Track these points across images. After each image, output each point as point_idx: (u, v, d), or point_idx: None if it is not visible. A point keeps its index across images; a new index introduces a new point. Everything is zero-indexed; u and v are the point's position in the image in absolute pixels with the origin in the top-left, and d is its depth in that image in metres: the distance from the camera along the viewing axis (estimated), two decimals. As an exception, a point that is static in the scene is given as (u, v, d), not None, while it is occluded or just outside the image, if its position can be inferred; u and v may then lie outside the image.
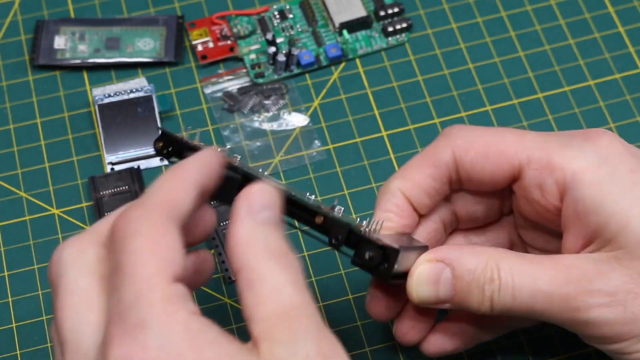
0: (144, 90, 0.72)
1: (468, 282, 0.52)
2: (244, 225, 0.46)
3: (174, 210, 0.45)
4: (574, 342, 0.63)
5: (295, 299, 0.45)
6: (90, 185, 0.69)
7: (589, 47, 0.75)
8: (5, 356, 0.64)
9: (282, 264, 0.45)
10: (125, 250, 0.44)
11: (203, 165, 0.48)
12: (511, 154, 0.55)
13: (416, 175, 0.55)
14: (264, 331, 0.44)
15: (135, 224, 0.45)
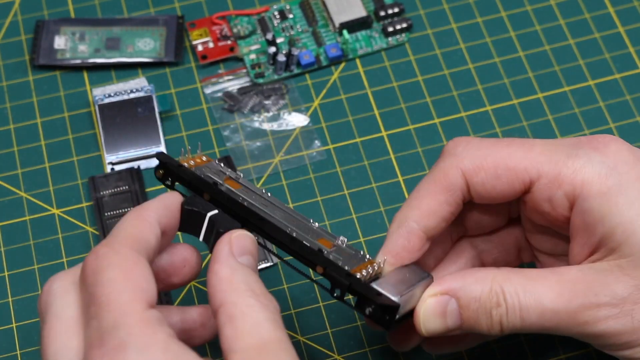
0: (144, 90, 0.72)
1: (475, 310, 0.53)
2: (225, 265, 0.50)
3: (139, 244, 0.49)
4: (574, 342, 0.63)
5: (273, 335, 0.47)
6: (90, 185, 0.69)
7: (589, 47, 0.75)
8: (5, 356, 0.64)
9: (261, 302, 0.48)
10: (99, 282, 0.47)
11: (161, 205, 0.52)
12: (521, 170, 0.55)
13: (431, 204, 0.55)
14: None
15: (105, 259, 0.48)
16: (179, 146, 0.71)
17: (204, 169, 0.56)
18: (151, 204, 0.52)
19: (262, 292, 0.49)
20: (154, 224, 0.51)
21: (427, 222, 0.55)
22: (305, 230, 0.54)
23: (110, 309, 0.46)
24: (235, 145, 0.71)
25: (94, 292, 0.47)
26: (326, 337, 0.64)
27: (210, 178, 0.55)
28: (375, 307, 0.51)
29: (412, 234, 0.55)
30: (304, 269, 0.54)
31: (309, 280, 0.54)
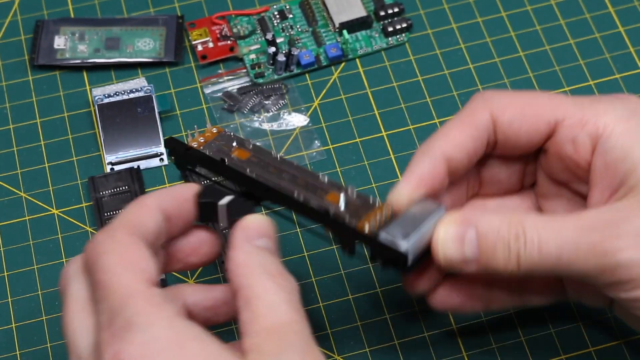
0: (143, 90, 0.72)
1: (493, 240, 0.52)
2: (241, 250, 0.50)
3: (135, 228, 0.50)
4: (574, 341, 0.63)
5: (288, 317, 0.48)
6: (90, 185, 0.69)
7: (589, 47, 0.75)
8: (5, 356, 0.64)
9: (278, 284, 0.49)
10: (99, 268, 0.49)
11: (166, 193, 0.53)
12: (547, 111, 0.56)
13: (458, 137, 0.56)
14: (254, 344, 0.47)
15: (103, 245, 0.50)
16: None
17: (214, 144, 0.57)
18: (155, 192, 0.53)
19: (279, 273, 0.49)
20: (153, 209, 0.52)
21: (452, 153, 0.55)
22: (313, 188, 0.55)
23: (114, 291, 0.47)
24: (235, 145, 0.71)
25: (97, 278, 0.49)
26: (326, 337, 0.64)
27: (219, 153, 0.56)
28: (384, 260, 0.52)
29: (437, 161, 0.55)
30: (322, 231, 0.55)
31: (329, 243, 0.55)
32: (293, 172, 0.56)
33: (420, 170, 0.55)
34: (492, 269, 0.53)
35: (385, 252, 0.52)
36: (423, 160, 0.55)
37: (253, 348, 0.47)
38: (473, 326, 0.64)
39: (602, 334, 0.63)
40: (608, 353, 0.63)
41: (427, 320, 0.64)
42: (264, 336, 0.47)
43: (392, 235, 0.52)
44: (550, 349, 0.63)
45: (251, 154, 0.57)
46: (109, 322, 0.47)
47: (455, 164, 0.56)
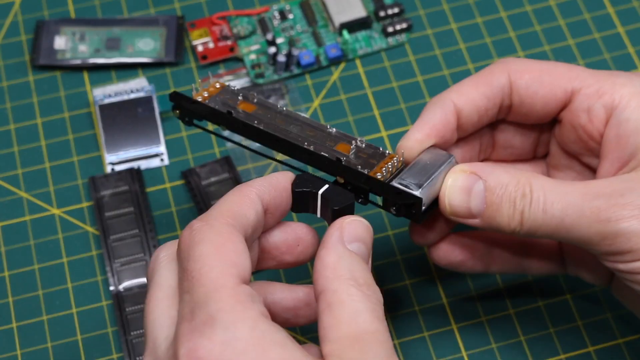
0: (144, 90, 0.72)
1: (500, 195, 0.53)
2: (333, 251, 0.49)
3: (235, 219, 0.48)
4: (573, 341, 0.63)
5: (371, 326, 0.46)
6: (90, 185, 0.69)
7: (589, 47, 0.75)
8: (5, 356, 0.64)
9: (363, 293, 0.47)
10: (191, 257, 0.47)
11: (267, 183, 0.51)
12: (564, 80, 0.56)
13: (471, 92, 0.56)
14: (335, 350, 0.46)
15: (199, 233, 0.48)
16: (179, 146, 0.71)
17: (219, 97, 0.57)
18: (256, 181, 0.51)
19: (366, 282, 0.48)
20: (254, 199, 0.50)
21: (464, 105, 0.56)
22: (322, 139, 0.55)
23: (201, 283, 0.46)
24: (235, 146, 0.71)
25: (187, 267, 0.47)
26: (326, 337, 0.64)
27: (224, 107, 0.56)
28: (398, 206, 0.52)
29: (448, 111, 0.55)
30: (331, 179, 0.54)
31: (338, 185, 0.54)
32: (300, 123, 0.55)
33: (431, 119, 0.55)
34: (496, 224, 0.53)
35: (401, 199, 0.52)
36: (434, 110, 0.55)
37: (334, 354, 0.46)
38: (473, 326, 0.64)
39: (602, 334, 0.63)
40: (608, 353, 0.63)
41: (427, 320, 0.64)
42: (346, 344, 0.46)
43: (405, 182, 0.52)
44: (550, 349, 0.63)
45: (257, 107, 0.56)
46: (191, 314, 0.46)
47: (464, 120, 0.56)
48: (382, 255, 0.67)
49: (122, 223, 0.67)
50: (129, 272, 0.65)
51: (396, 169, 0.54)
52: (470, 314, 0.64)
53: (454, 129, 0.56)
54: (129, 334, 0.63)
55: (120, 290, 0.65)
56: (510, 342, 0.63)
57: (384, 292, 0.65)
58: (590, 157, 0.57)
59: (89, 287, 0.66)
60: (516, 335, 0.63)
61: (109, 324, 0.65)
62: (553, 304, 0.64)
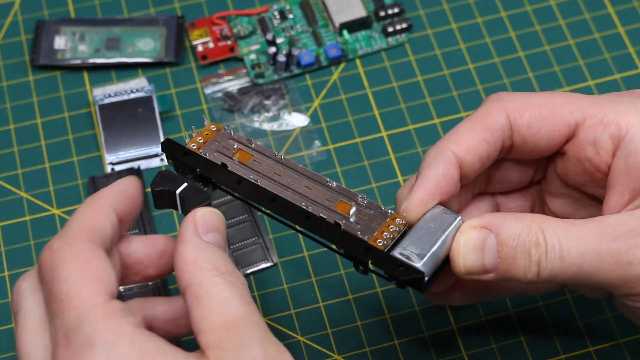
0: (144, 90, 0.72)
1: (513, 247, 0.51)
2: (190, 245, 0.49)
3: (94, 234, 0.48)
4: (574, 341, 0.63)
5: (241, 311, 0.47)
6: (90, 185, 0.69)
7: (589, 47, 0.75)
8: (5, 356, 0.64)
9: (227, 280, 0.47)
10: (56, 279, 0.46)
11: (116, 191, 0.51)
12: (566, 113, 0.54)
13: (470, 140, 0.54)
14: (212, 340, 0.46)
15: (60, 253, 0.47)
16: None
17: (214, 144, 0.54)
18: (105, 190, 0.51)
19: (228, 270, 0.48)
20: (109, 211, 0.50)
21: (465, 156, 0.53)
22: (321, 196, 0.52)
23: (72, 306, 0.45)
24: (235, 146, 0.71)
25: (52, 290, 0.46)
26: (326, 337, 0.64)
27: (219, 156, 0.54)
28: (399, 280, 0.50)
29: (451, 164, 0.53)
30: None
31: (337, 253, 0.52)
32: (299, 177, 0.53)
33: (434, 176, 0.53)
34: (512, 277, 0.51)
35: (402, 274, 0.50)
36: (436, 166, 0.53)
37: (212, 344, 0.46)
38: (473, 326, 0.64)
39: (602, 334, 0.63)
40: (608, 353, 0.63)
41: (427, 320, 0.64)
42: (222, 332, 0.46)
43: (407, 253, 0.50)
44: (550, 349, 0.63)
45: (254, 156, 0.54)
46: (67, 339, 0.45)
47: (467, 169, 0.54)
48: (382, 255, 0.66)
49: (122, 223, 0.67)
50: (129, 272, 0.65)
51: (398, 233, 0.51)
52: (470, 314, 0.64)
53: (457, 182, 0.53)
54: (129, 334, 0.63)
55: (120, 291, 0.65)
56: (510, 342, 0.63)
57: (385, 292, 0.65)
58: (594, 187, 0.55)
59: (89, 287, 0.66)
60: (516, 335, 0.63)
61: (109, 324, 0.65)
62: (553, 304, 0.64)
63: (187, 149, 0.54)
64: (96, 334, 0.45)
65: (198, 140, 0.54)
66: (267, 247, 0.67)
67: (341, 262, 0.66)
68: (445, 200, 0.53)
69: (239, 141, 0.55)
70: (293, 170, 0.53)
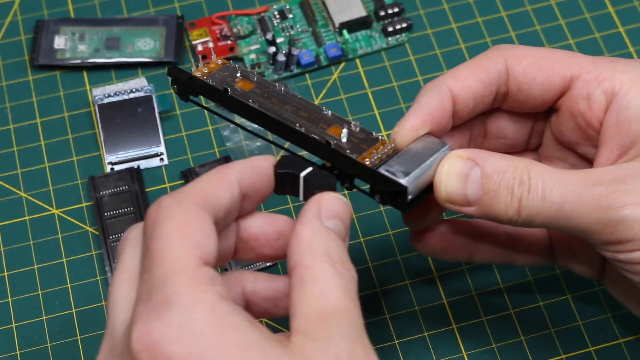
0: (144, 90, 0.72)
1: (497, 182, 0.51)
2: (308, 226, 0.47)
3: (207, 201, 0.47)
4: (574, 341, 0.63)
5: (340, 304, 0.45)
6: (90, 185, 0.69)
7: (589, 47, 0.75)
8: (5, 356, 0.64)
9: (336, 270, 0.46)
10: (155, 235, 0.45)
11: (247, 166, 0.49)
12: (563, 66, 0.54)
13: (467, 78, 0.54)
14: (302, 326, 0.44)
15: (166, 210, 0.46)
16: (179, 146, 0.71)
17: (218, 74, 0.56)
18: (236, 163, 0.49)
19: (340, 260, 0.47)
20: (232, 182, 0.48)
21: (460, 92, 0.54)
22: (316, 121, 0.53)
23: (162, 263, 0.44)
24: (235, 145, 0.71)
25: (149, 245, 0.45)
26: (326, 337, 0.63)
27: (222, 84, 0.55)
28: (382, 194, 0.51)
29: (444, 98, 0.54)
30: None
31: (326, 169, 0.52)
32: (296, 104, 0.54)
33: (427, 105, 0.54)
34: (493, 212, 0.52)
35: (385, 186, 0.50)
36: (431, 96, 0.54)
37: (300, 330, 0.44)
38: (473, 326, 0.64)
39: (602, 334, 0.63)
40: (608, 353, 0.63)
41: (427, 320, 0.64)
42: (314, 320, 0.44)
43: (393, 170, 0.51)
44: (550, 349, 0.63)
45: (255, 85, 0.55)
46: (149, 294, 0.44)
47: (460, 106, 0.54)
48: (382, 255, 0.67)
49: (121, 223, 0.67)
50: (128, 272, 0.65)
51: (386, 156, 0.52)
52: (470, 314, 0.64)
53: (449, 116, 0.54)
54: (128, 334, 0.63)
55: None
56: (510, 342, 0.63)
57: (385, 292, 0.65)
58: (587, 146, 0.56)
59: (88, 287, 0.66)
60: (516, 335, 0.63)
61: (109, 324, 0.65)
62: (553, 304, 0.64)
63: (192, 75, 0.55)
64: (176, 295, 0.43)
65: (203, 70, 0.56)
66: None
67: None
68: (436, 132, 0.54)
69: (241, 72, 0.56)
70: (292, 98, 0.54)
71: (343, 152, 0.52)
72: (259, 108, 0.54)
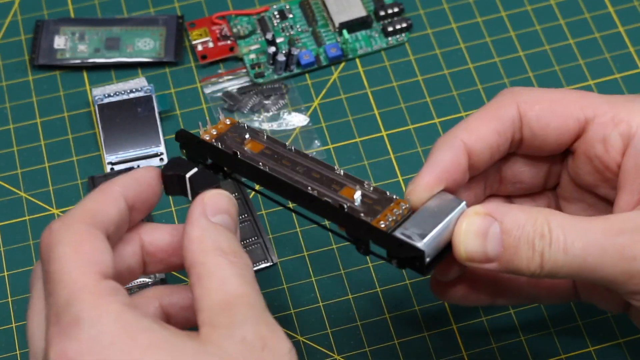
0: (143, 90, 0.72)
1: (517, 237, 0.50)
2: (196, 226, 0.49)
3: (95, 218, 0.49)
4: (574, 341, 0.63)
5: (239, 290, 0.47)
6: (90, 185, 0.69)
7: (589, 47, 0.75)
8: (5, 356, 0.64)
9: (229, 260, 0.48)
10: (51, 259, 0.47)
11: (130, 179, 0.51)
12: (577, 108, 0.53)
13: (480, 129, 0.53)
14: (206, 318, 0.46)
15: (58, 234, 0.48)
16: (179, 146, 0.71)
17: (227, 136, 0.55)
18: (119, 178, 0.51)
19: (232, 250, 0.48)
20: (116, 196, 0.50)
21: (474, 144, 0.53)
22: (327, 182, 0.52)
23: (63, 285, 0.46)
24: (235, 145, 0.71)
25: (48, 269, 0.47)
26: (326, 337, 0.64)
27: (231, 147, 0.54)
28: (399, 259, 0.50)
29: (459, 153, 0.53)
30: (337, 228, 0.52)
31: (339, 235, 0.52)
32: (308, 165, 0.53)
33: (442, 162, 0.52)
34: (514, 268, 0.50)
35: (402, 251, 0.49)
36: (444, 152, 0.53)
37: (206, 322, 0.46)
38: (473, 326, 0.64)
39: (602, 334, 0.63)
40: (608, 353, 0.63)
41: (427, 320, 0.64)
42: (217, 310, 0.46)
43: (409, 233, 0.50)
44: (550, 349, 0.63)
45: (264, 145, 0.54)
46: (57, 317, 0.46)
47: (476, 159, 0.53)
48: (382, 255, 0.66)
49: (121, 223, 0.67)
50: (128, 272, 0.65)
51: (402, 217, 0.51)
52: (470, 314, 0.64)
53: (465, 170, 0.53)
54: (128, 334, 0.63)
55: (120, 290, 0.65)
56: (510, 342, 0.63)
57: (385, 292, 0.65)
58: (606, 188, 0.55)
59: (88, 287, 0.66)
60: (516, 335, 0.63)
61: (109, 324, 0.64)
62: (553, 304, 0.64)
63: (201, 139, 0.55)
64: (83, 312, 0.45)
65: (212, 132, 0.55)
66: (267, 246, 0.66)
67: (341, 262, 0.66)
68: (452, 188, 0.53)
69: (250, 133, 0.55)
70: (302, 159, 0.54)
71: (357, 215, 0.51)
72: (270, 172, 0.53)
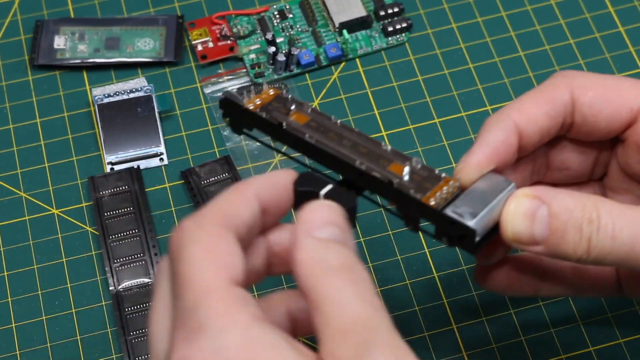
0: (143, 90, 0.72)
1: (565, 221, 0.49)
2: (302, 247, 0.45)
3: (228, 219, 0.46)
4: (574, 341, 0.63)
5: (359, 313, 0.43)
6: (90, 185, 0.69)
7: (589, 47, 0.75)
8: (5, 356, 0.64)
9: (344, 279, 0.44)
10: (181, 259, 0.44)
11: (266, 181, 0.48)
12: (630, 97, 0.53)
13: (533, 110, 0.53)
14: (329, 350, 0.43)
15: (189, 233, 0.45)
16: (178, 146, 0.71)
17: (271, 106, 0.54)
18: (255, 179, 0.48)
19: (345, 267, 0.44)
20: (251, 198, 0.47)
21: (526, 125, 0.52)
22: (375, 157, 0.51)
23: (191, 288, 0.43)
24: (234, 145, 0.71)
25: (177, 270, 0.44)
26: (326, 337, 0.63)
27: (276, 116, 0.53)
28: (450, 237, 0.49)
29: (510, 131, 0.52)
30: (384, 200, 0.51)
31: (388, 211, 0.51)
32: (354, 139, 0.52)
33: (492, 141, 0.52)
34: (561, 252, 0.50)
35: (453, 229, 0.49)
36: (497, 132, 0.52)
37: (328, 354, 0.42)
38: (473, 326, 0.64)
39: (602, 334, 0.63)
40: (608, 353, 0.63)
41: (427, 320, 0.64)
42: (338, 340, 0.42)
43: (460, 211, 0.49)
44: (550, 349, 0.63)
45: (310, 117, 0.53)
46: (182, 322, 0.43)
47: (526, 140, 0.53)
48: (382, 255, 0.67)
49: (121, 223, 0.67)
50: (128, 272, 0.65)
51: (451, 195, 0.50)
52: (470, 314, 0.64)
53: (515, 151, 0.52)
54: (128, 334, 0.63)
55: (119, 290, 0.65)
56: (510, 342, 0.63)
57: (385, 292, 0.65)
58: None
59: (88, 287, 0.66)
60: (516, 335, 0.63)
61: (109, 324, 0.65)
62: (553, 303, 0.64)
63: (245, 108, 0.53)
64: (209, 319, 0.42)
65: (255, 102, 0.54)
66: None
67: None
68: (501, 168, 0.52)
69: (295, 104, 0.54)
70: (349, 132, 0.52)
71: (407, 191, 0.50)
72: (317, 144, 0.52)
